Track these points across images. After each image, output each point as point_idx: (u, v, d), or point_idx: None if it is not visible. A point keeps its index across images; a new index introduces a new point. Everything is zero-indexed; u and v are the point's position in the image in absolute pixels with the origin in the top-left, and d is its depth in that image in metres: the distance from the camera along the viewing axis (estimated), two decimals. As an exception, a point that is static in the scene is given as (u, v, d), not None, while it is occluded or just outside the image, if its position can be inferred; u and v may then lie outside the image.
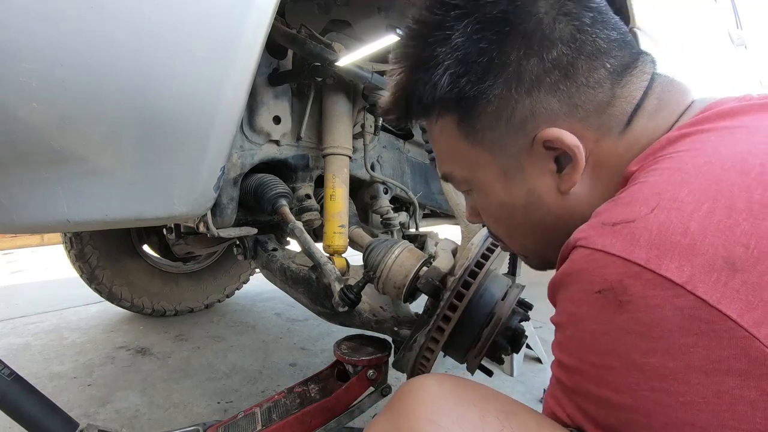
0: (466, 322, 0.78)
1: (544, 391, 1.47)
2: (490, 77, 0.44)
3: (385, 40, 1.01)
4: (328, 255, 1.04)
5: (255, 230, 1.10)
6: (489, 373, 0.88)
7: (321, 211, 1.11)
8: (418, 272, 0.87)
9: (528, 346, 1.70)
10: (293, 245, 1.25)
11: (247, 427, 0.86)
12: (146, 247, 2.11)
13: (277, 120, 1.02)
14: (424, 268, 0.88)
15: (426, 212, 1.63)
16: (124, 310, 2.18)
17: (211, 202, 0.80)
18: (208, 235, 0.98)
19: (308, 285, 1.02)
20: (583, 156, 0.44)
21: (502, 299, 0.81)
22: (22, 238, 4.74)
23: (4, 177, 0.57)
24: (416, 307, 0.99)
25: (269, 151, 1.05)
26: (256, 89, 0.98)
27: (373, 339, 1.00)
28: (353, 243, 1.14)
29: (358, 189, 1.36)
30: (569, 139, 0.43)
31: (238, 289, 2.45)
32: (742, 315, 0.29)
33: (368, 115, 1.18)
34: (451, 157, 0.53)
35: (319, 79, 0.96)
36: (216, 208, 0.97)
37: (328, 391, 0.92)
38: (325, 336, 1.98)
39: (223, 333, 2.03)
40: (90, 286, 2.00)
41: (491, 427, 0.37)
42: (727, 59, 1.92)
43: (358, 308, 0.96)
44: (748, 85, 2.06)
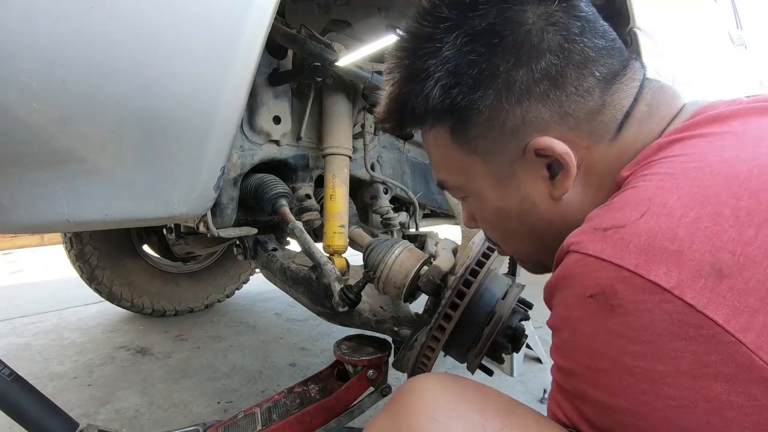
0: (467, 321, 0.78)
1: (545, 391, 1.47)
2: (481, 88, 0.44)
3: (385, 40, 1.01)
4: (328, 255, 1.04)
5: (255, 230, 1.10)
6: (489, 373, 0.88)
7: (321, 211, 1.11)
8: (419, 272, 0.87)
9: (528, 346, 1.70)
10: (293, 245, 1.25)
11: (247, 427, 0.86)
12: (146, 247, 2.11)
13: (277, 120, 1.02)
14: (425, 267, 0.88)
15: (426, 212, 1.63)
16: (124, 310, 2.18)
17: (211, 202, 0.80)
18: (208, 235, 0.98)
19: (308, 285, 1.02)
20: (574, 163, 0.44)
21: (503, 298, 0.81)
22: (22, 238, 4.73)
23: (4, 177, 0.57)
24: (416, 307, 0.99)
25: (269, 151, 1.05)
26: (256, 89, 0.98)
27: (373, 339, 1.00)
28: (353, 243, 1.14)
29: (358, 189, 1.36)
30: (559, 147, 0.44)
31: (238, 289, 2.45)
32: (729, 320, 0.30)
33: (368, 115, 1.18)
34: (445, 165, 0.53)
35: (319, 79, 0.96)
36: (216, 208, 0.97)
37: (328, 391, 0.92)
38: (325, 336, 1.98)
39: (223, 333, 2.03)
40: (90, 286, 2.00)
41: (491, 425, 0.38)
42: (727, 59, 1.93)
43: (358, 308, 0.96)
44: (748, 85, 2.06)
